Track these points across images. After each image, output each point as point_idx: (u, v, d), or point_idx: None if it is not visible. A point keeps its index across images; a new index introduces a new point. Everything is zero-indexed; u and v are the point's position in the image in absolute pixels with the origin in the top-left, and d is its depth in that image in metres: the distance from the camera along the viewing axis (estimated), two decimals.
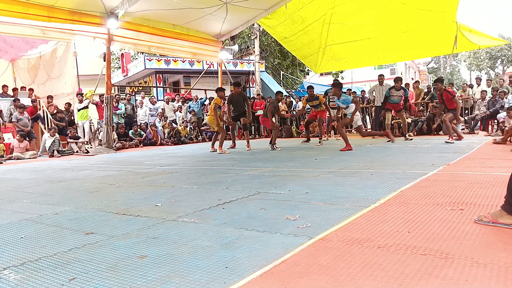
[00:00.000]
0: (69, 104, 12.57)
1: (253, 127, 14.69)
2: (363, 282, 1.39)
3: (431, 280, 1.37)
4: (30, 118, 11.18)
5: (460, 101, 11.75)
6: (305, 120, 10.65)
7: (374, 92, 11.11)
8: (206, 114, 14.70)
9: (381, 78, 10.65)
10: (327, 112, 9.74)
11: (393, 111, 9.03)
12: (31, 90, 13.43)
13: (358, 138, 9.20)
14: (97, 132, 12.24)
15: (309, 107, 9.58)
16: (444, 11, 9.38)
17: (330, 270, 1.52)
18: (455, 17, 9.41)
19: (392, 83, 9.10)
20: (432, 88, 11.11)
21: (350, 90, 13.76)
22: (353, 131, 11.44)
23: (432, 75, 49.70)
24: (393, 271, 1.47)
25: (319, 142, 9.05)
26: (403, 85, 9.04)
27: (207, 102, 14.51)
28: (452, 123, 7.70)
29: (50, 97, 12.73)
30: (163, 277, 1.54)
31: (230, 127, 9.81)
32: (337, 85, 7.63)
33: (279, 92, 8.81)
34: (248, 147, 8.59)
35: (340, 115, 9.77)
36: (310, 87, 9.37)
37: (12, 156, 9.81)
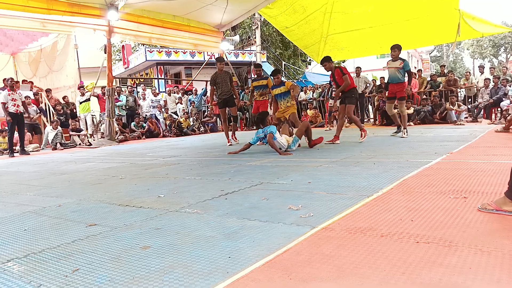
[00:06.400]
0: (66, 97, 12.69)
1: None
2: (366, 271, 1.39)
3: (434, 268, 1.37)
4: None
5: (463, 89, 11.74)
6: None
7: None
8: (207, 106, 14.69)
9: (358, 70, 11.74)
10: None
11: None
12: (31, 83, 13.45)
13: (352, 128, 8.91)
14: (99, 124, 12.25)
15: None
16: None
17: (333, 259, 1.52)
18: (458, 5, 9.28)
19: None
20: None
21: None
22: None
23: (435, 63, 49.34)
24: (396, 260, 1.46)
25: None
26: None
27: (208, 94, 14.47)
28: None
29: (48, 90, 12.76)
30: (166, 267, 1.55)
31: (220, 116, 8.20)
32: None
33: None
34: (234, 139, 7.29)
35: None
36: (258, 65, 7.67)
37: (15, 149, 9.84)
